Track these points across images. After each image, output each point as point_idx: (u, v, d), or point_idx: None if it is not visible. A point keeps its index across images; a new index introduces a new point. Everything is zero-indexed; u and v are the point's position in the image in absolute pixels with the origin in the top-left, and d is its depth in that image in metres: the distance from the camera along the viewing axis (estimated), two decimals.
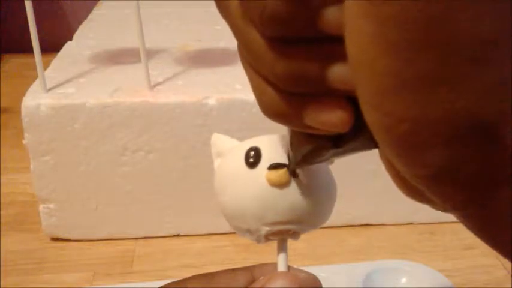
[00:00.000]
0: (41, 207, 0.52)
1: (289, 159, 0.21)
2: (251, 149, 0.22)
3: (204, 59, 0.58)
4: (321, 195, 0.23)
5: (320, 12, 0.14)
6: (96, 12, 0.78)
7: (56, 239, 0.53)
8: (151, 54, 0.58)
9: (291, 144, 0.20)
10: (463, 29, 0.12)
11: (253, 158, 0.22)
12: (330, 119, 0.16)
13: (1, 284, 0.48)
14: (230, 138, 0.25)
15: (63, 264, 0.51)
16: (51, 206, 0.52)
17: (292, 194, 0.22)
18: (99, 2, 0.84)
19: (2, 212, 0.57)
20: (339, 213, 0.25)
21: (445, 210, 0.15)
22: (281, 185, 0.22)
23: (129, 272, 0.50)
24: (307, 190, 0.22)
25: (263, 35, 0.16)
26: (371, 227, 0.55)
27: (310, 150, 0.19)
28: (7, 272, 0.49)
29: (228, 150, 0.24)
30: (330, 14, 0.14)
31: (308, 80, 0.16)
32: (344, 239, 0.53)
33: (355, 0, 0.13)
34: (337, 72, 0.15)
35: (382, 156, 0.16)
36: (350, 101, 0.16)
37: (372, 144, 0.15)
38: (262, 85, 0.17)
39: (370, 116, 0.14)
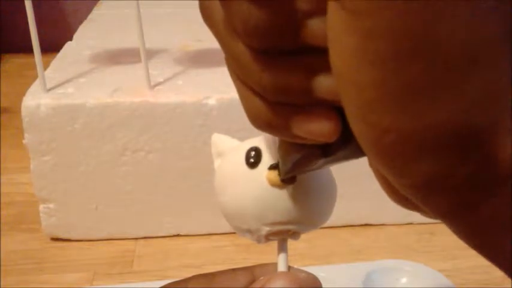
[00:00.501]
0: (41, 207, 0.52)
1: (279, 169, 0.21)
2: (251, 149, 0.22)
3: (204, 59, 0.58)
4: (321, 195, 0.23)
5: (304, 23, 0.14)
6: (96, 12, 0.78)
7: (56, 239, 0.53)
8: (151, 54, 0.58)
9: (280, 153, 0.20)
10: (444, 41, 0.12)
11: (253, 158, 0.22)
12: (318, 129, 0.16)
13: (1, 284, 0.48)
14: (230, 138, 0.25)
15: (63, 264, 0.51)
16: (51, 206, 0.52)
17: (293, 194, 0.22)
18: (99, 2, 0.84)
19: (2, 212, 0.57)
20: (339, 213, 0.25)
21: (433, 217, 0.15)
22: (281, 185, 0.22)
23: (129, 272, 0.50)
24: (307, 190, 0.22)
25: (248, 47, 0.16)
26: (371, 227, 0.55)
27: (299, 160, 0.19)
28: (7, 272, 0.49)
29: (228, 150, 0.24)
30: (314, 26, 0.14)
31: (294, 91, 0.16)
32: (344, 239, 0.53)
33: (338, 13, 0.13)
34: (323, 84, 0.15)
35: (371, 164, 0.16)
36: (337, 110, 0.16)
37: (361, 152, 0.15)
38: (249, 95, 0.17)
39: (356, 127, 0.14)
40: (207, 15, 0.17)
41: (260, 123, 0.18)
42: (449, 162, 0.13)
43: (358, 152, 0.15)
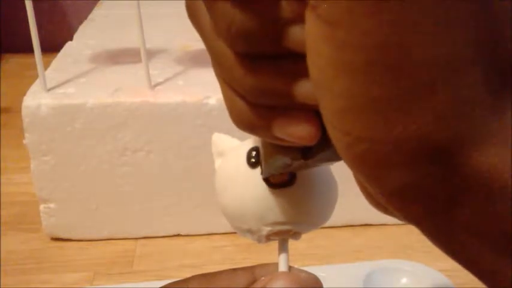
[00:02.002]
0: (41, 207, 0.52)
1: (261, 169, 0.22)
2: (253, 149, 0.22)
3: (204, 58, 0.58)
4: (322, 195, 0.23)
5: (286, 30, 0.15)
6: (97, 12, 0.78)
7: (56, 239, 0.53)
8: (151, 54, 0.58)
9: (262, 153, 0.21)
10: (415, 55, 0.12)
11: (254, 158, 0.22)
12: (298, 132, 0.17)
13: (1, 284, 0.48)
14: (231, 138, 0.25)
15: (63, 264, 0.50)
16: (52, 205, 0.52)
17: (294, 194, 0.22)
18: (100, 2, 0.84)
19: (2, 212, 0.57)
20: (339, 213, 0.25)
21: (407, 223, 0.16)
22: (282, 185, 0.22)
23: (129, 272, 0.50)
24: (308, 190, 0.22)
25: (232, 50, 0.16)
26: (371, 227, 0.55)
27: (279, 161, 0.20)
28: (7, 272, 0.49)
29: (229, 150, 0.24)
30: (296, 33, 0.15)
31: (275, 94, 0.16)
32: (344, 239, 0.53)
33: (314, 22, 0.13)
34: (303, 89, 0.16)
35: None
36: (318, 114, 0.16)
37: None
38: (233, 97, 0.18)
39: (331, 133, 0.14)
40: (192, 16, 0.18)
41: (242, 124, 0.18)
42: (417, 173, 0.14)
43: (337, 156, 0.15)
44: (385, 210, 0.17)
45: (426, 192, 0.14)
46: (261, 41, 0.15)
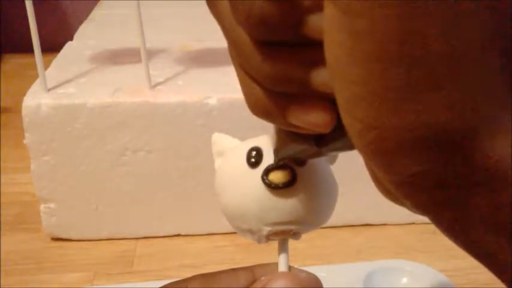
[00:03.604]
0: (42, 207, 0.52)
1: (274, 156, 0.22)
2: (253, 149, 0.22)
3: (204, 58, 0.58)
4: (322, 195, 0.23)
5: (305, 18, 0.15)
6: (97, 12, 0.78)
7: (56, 239, 0.53)
8: (151, 54, 0.58)
9: (276, 140, 0.21)
10: (432, 46, 0.12)
11: (254, 158, 0.22)
12: (313, 119, 0.17)
13: (1, 284, 0.48)
14: (231, 138, 0.25)
15: (64, 264, 0.50)
16: (52, 205, 0.52)
17: (294, 194, 0.22)
18: (100, 1, 0.84)
19: (2, 212, 0.57)
20: (340, 213, 0.25)
21: (417, 213, 0.16)
22: (283, 185, 0.22)
23: (129, 272, 0.49)
24: (308, 190, 0.22)
25: (250, 37, 0.16)
26: (371, 227, 0.55)
27: (294, 148, 0.20)
28: (7, 272, 0.49)
29: (229, 150, 0.24)
30: (315, 21, 0.15)
31: (292, 82, 0.16)
32: (344, 239, 0.53)
33: (331, 10, 0.13)
34: (320, 77, 0.16)
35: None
36: (333, 103, 0.16)
37: (353, 144, 0.16)
38: (250, 83, 0.18)
39: (345, 120, 0.15)
40: (211, 3, 0.18)
41: (258, 110, 0.18)
42: (428, 161, 0.14)
43: (351, 145, 0.15)
44: (395, 198, 0.17)
45: (436, 181, 0.14)
46: (280, 28, 0.15)
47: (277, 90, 0.17)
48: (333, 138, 0.18)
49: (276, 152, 0.21)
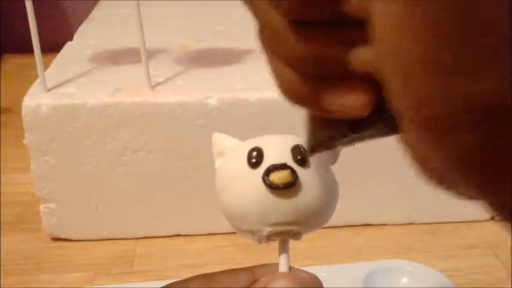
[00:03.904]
0: (42, 207, 0.52)
1: (307, 145, 0.21)
2: (253, 149, 0.22)
3: (204, 58, 0.58)
4: (322, 195, 0.23)
5: None
6: (97, 12, 0.78)
7: (56, 239, 0.53)
8: (151, 54, 0.58)
9: (307, 129, 0.20)
10: (491, 20, 0.12)
11: (255, 159, 0.22)
12: (351, 101, 0.16)
13: (1, 284, 0.48)
14: (231, 138, 0.25)
15: (64, 264, 0.50)
16: (52, 205, 0.52)
17: (294, 194, 0.22)
18: (100, 1, 0.84)
19: (2, 212, 0.57)
20: (340, 213, 0.25)
21: (464, 194, 0.15)
22: (283, 186, 0.22)
23: (129, 272, 0.49)
24: (309, 191, 0.22)
25: (284, 16, 0.16)
26: (371, 227, 0.55)
27: (326, 135, 0.19)
28: (7, 272, 0.49)
29: (229, 150, 0.24)
30: None
31: (328, 62, 0.16)
32: (345, 239, 0.53)
33: None
34: (360, 55, 0.15)
35: (403, 140, 0.16)
36: (370, 84, 0.16)
37: (388, 130, 0.15)
38: (281, 67, 0.17)
39: (396, 97, 0.14)
40: None
41: (291, 95, 0.18)
42: (485, 135, 0.13)
43: (385, 131, 0.15)
44: (440, 182, 0.16)
45: (493, 156, 0.14)
46: (317, 6, 0.15)
47: (311, 73, 0.17)
48: (367, 124, 0.17)
49: (309, 140, 0.20)
